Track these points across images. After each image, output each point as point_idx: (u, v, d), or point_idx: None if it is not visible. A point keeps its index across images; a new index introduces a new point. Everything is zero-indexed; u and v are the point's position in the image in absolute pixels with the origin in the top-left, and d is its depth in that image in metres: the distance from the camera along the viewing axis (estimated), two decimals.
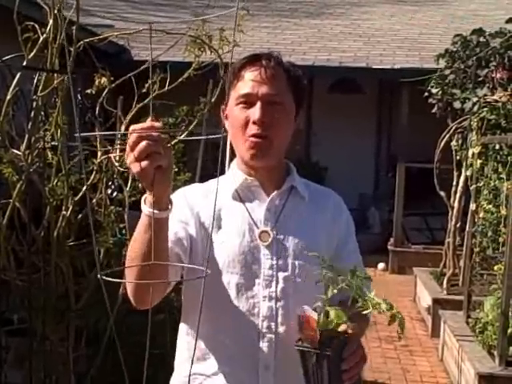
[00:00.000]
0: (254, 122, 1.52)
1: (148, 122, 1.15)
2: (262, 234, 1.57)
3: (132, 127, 1.16)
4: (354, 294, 1.36)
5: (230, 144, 1.68)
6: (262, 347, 1.53)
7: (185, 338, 1.63)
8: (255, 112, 1.52)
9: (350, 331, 1.37)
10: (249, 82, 1.54)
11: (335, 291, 1.37)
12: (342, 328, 1.36)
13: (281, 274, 1.56)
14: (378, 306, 1.33)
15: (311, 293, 1.58)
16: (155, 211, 1.23)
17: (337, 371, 1.36)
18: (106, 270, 0.99)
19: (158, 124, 1.16)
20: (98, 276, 0.95)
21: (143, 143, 1.13)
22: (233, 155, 1.67)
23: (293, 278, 1.56)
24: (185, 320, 1.64)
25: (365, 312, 1.36)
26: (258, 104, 1.52)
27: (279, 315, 1.54)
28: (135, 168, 1.16)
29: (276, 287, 1.55)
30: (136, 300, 1.41)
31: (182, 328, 1.65)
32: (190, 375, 1.51)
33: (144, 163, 1.14)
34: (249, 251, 1.55)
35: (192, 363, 1.51)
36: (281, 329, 1.54)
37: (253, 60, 1.56)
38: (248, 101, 1.54)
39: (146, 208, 1.26)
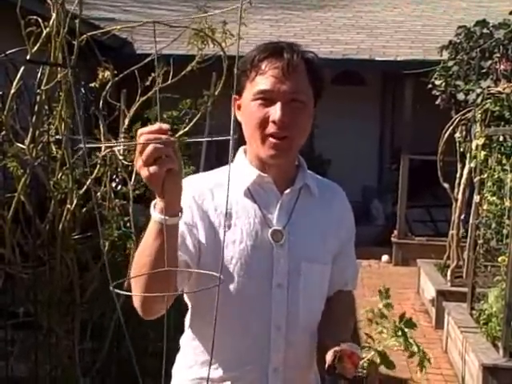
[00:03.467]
0: (274, 122, 1.44)
1: (156, 125, 1.11)
2: (274, 234, 1.51)
3: (140, 131, 1.12)
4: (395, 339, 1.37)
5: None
6: (272, 350, 1.50)
7: (191, 343, 1.59)
8: (275, 112, 1.44)
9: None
10: (270, 77, 1.45)
11: (384, 335, 1.38)
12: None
13: (293, 276, 1.51)
14: (410, 347, 1.36)
15: (320, 295, 1.59)
16: (166, 217, 1.18)
17: None
18: (117, 281, 0.95)
19: (165, 126, 1.11)
20: (110, 288, 0.91)
21: (150, 147, 1.09)
22: (240, 143, 1.59)
23: (304, 280, 1.53)
24: (192, 324, 1.60)
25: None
26: (279, 103, 1.45)
27: (289, 317, 1.51)
28: (144, 173, 1.12)
29: (288, 289, 1.51)
30: (143, 310, 1.37)
31: (189, 332, 1.61)
32: (208, 378, 1.49)
33: (152, 168, 1.10)
34: (261, 251, 1.50)
35: (210, 366, 1.49)
36: (290, 331, 1.51)
37: (275, 53, 1.47)
38: (267, 97, 1.46)
39: (155, 214, 1.22)
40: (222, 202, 1.49)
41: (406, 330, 1.37)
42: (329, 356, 1.39)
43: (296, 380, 1.52)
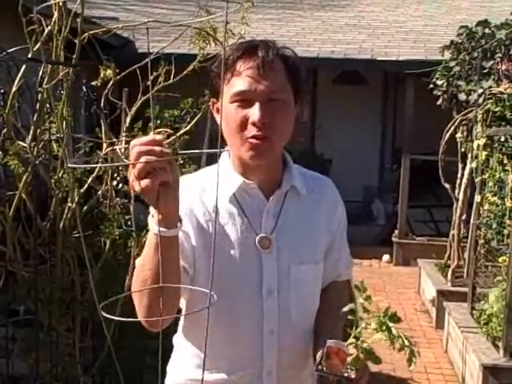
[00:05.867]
0: (254, 124, 1.41)
1: (149, 136, 1.08)
2: (261, 241, 1.50)
3: (132, 142, 1.08)
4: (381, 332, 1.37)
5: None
6: (265, 353, 1.50)
7: (185, 344, 1.59)
8: (254, 113, 1.40)
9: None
10: (245, 78, 1.41)
11: (369, 330, 1.37)
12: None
13: (282, 281, 1.51)
14: (397, 341, 1.36)
15: (313, 295, 1.59)
16: (163, 229, 1.15)
17: None
18: (105, 302, 0.93)
19: (159, 137, 1.08)
20: (99, 312, 0.89)
21: (142, 160, 1.05)
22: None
23: (295, 284, 1.52)
24: (185, 326, 1.60)
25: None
26: (257, 104, 1.41)
27: (282, 321, 1.51)
28: (136, 187, 1.08)
29: (278, 294, 1.50)
30: (149, 325, 1.34)
31: (181, 334, 1.61)
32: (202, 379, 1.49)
33: (144, 181, 1.06)
34: (249, 259, 1.49)
35: (203, 369, 1.49)
36: (283, 334, 1.51)
37: (248, 52, 1.43)
38: (245, 98, 1.42)
39: (153, 226, 1.18)
40: (210, 207, 1.49)
41: (391, 324, 1.36)
42: (318, 354, 1.41)
43: (291, 381, 1.53)
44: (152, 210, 1.17)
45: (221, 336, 1.50)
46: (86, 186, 2.93)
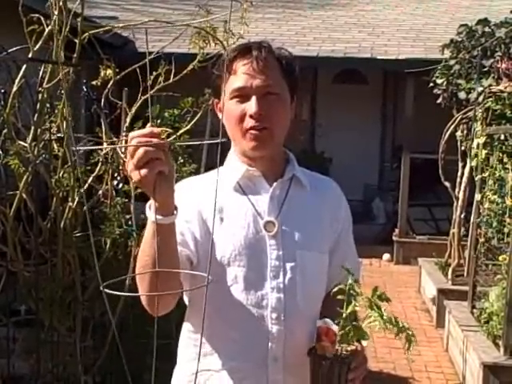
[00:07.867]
0: (251, 116, 1.51)
1: (147, 128, 1.14)
2: (267, 225, 1.55)
3: (131, 134, 1.15)
4: (371, 310, 1.38)
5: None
6: (270, 339, 1.51)
7: (190, 335, 1.61)
8: (251, 106, 1.51)
9: (359, 346, 1.43)
10: (241, 75, 1.52)
11: (357, 308, 1.39)
12: (356, 343, 1.41)
13: (288, 265, 1.54)
14: (387, 324, 1.37)
15: (318, 282, 1.61)
16: (159, 217, 1.22)
17: (345, 380, 1.42)
18: (107, 282, 0.96)
19: (157, 130, 1.15)
20: (100, 288, 0.92)
21: (141, 150, 1.12)
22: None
23: (300, 268, 1.55)
24: (190, 317, 1.62)
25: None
26: (253, 97, 1.51)
27: (288, 306, 1.53)
28: (135, 176, 1.15)
29: (284, 278, 1.53)
30: (151, 308, 1.39)
31: (187, 325, 1.63)
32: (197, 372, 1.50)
33: (143, 171, 1.13)
34: (255, 243, 1.54)
35: (199, 360, 1.50)
36: (289, 319, 1.53)
37: (243, 52, 1.54)
38: (242, 94, 1.52)
39: (150, 214, 1.25)
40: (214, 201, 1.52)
41: (381, 304, 1.38)
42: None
43: (297, 367, 1.53)
44: (151, 200, 1.24)
45: (226, 321, 1.53)
46: (86, 185, 2.94)
